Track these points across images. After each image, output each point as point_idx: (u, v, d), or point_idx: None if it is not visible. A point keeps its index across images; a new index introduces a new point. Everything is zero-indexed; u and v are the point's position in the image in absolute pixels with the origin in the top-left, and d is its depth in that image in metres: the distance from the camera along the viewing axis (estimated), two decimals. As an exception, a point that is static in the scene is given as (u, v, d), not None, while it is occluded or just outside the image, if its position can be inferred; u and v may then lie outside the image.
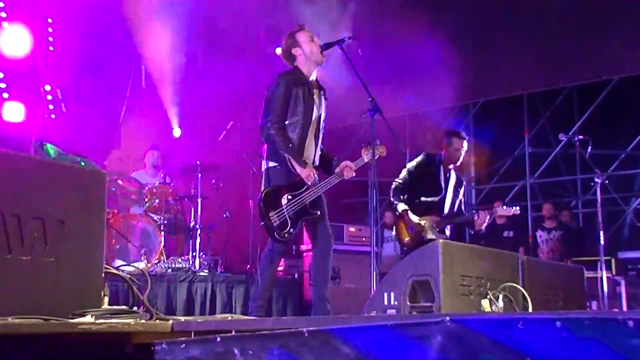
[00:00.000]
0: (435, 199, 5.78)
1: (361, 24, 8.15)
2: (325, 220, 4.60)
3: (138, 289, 2.80)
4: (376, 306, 3.33)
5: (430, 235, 5.63)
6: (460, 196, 5.94)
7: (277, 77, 4.54)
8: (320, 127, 4.65)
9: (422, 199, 5.76)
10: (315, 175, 4.52)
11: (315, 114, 4.59)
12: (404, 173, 5.85)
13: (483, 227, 5.71)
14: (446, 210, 5.82)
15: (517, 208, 5.94)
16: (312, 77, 4.66)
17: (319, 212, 4.52)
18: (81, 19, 7.81)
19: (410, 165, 5.88)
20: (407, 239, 5.73)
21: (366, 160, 4.71)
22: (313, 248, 4.67)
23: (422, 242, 5.54)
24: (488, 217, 5.71)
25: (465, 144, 5.89)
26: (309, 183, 4.46)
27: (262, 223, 4.38)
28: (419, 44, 8.47)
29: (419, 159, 5.91)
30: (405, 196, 5.76)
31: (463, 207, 5.98)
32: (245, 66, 9.05)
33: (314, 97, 4.60)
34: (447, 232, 5.85)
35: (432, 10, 8.39)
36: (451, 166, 5.89)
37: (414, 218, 5.65)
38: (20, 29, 7.48)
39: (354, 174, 4.69)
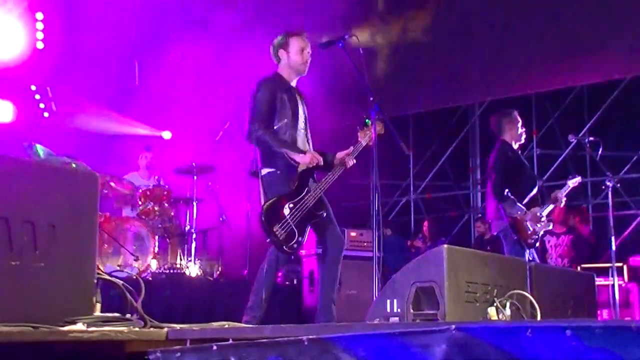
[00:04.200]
0: (535, 189, 5.59)
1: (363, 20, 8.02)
2: (333, 222, 4.50)
3: (131, 295, 2.74)
4: (378, 314, 3.21)
5: (546, 228, 5.59)
6: None
7: (257, 83, 4.52)
8: (308, 130, 4.63)
9: (528, 192, 5.54)
10: (319, 157, 4.42)
11: (302, 117, 4.56)
12: (495, 175, 5.52)
13: None
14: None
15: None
16: (293, 84, 4.63)
17: (325, 213, 4.43)
18: (72, 15, 7.72)
19: (498, 162, 5.56)
20: (530, 238, 5.57)
21: (364, 144, 4.59)
22: (322, 251, 4.57)
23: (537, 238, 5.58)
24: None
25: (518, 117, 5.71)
26: (313, 165, 4.39)
27: (268, 240, 4.29)
28: (423, 41, 8.35)
29: (501, 149, 5.58)
30: (511, 195, 5.46)
31: None
32: (243, 64, 8.96)
33: (298, 100, 4.56)
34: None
35: (436, 8, 8.27)
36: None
37: (536, 216, 5.46)
38: (8, 26, 7.43)
39: (354, 161, 4.59)
